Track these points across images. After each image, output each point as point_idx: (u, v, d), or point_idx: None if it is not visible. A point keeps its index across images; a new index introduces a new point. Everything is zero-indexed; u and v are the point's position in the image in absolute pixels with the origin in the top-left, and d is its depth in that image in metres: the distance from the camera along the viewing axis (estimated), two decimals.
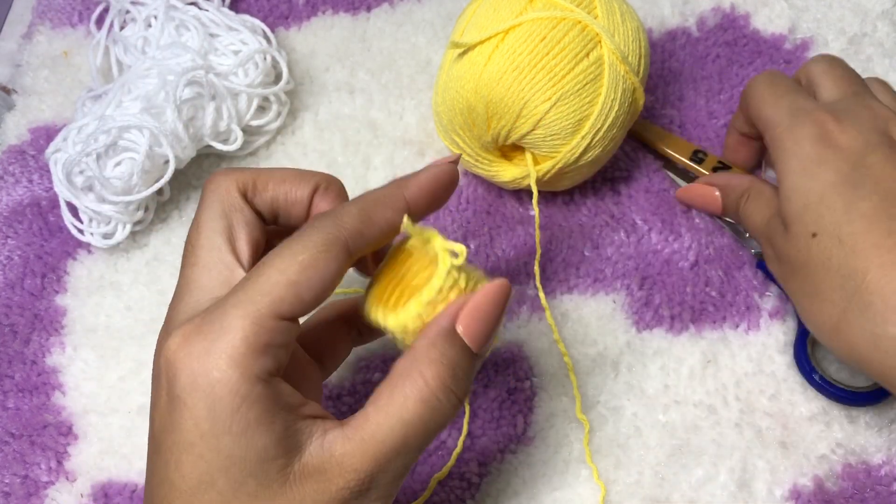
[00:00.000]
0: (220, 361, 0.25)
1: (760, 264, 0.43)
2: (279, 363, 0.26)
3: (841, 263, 0.32)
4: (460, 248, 0.28)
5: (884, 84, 0.38)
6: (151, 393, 0.28)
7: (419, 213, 0.30)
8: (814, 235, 0.33)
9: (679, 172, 0.45)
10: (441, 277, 0.28)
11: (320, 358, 0.34)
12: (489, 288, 0.28)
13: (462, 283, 0.28)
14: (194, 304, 0.28)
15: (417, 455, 0.28)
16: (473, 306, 0.27)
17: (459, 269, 0.28)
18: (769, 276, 0.43)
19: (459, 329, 0.27)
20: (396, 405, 0.26)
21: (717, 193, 0.41)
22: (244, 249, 0.30)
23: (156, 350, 0.28)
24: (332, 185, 0.32)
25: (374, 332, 0.32)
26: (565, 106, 0.39)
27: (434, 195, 0.31)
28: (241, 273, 0.29)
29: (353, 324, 0.36)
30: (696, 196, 0.42)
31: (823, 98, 0.37)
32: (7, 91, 0.53)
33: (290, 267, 0.26)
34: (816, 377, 0.39)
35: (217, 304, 0.26)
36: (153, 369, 0.28)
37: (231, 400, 0.25)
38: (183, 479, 0.26)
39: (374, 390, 0.27)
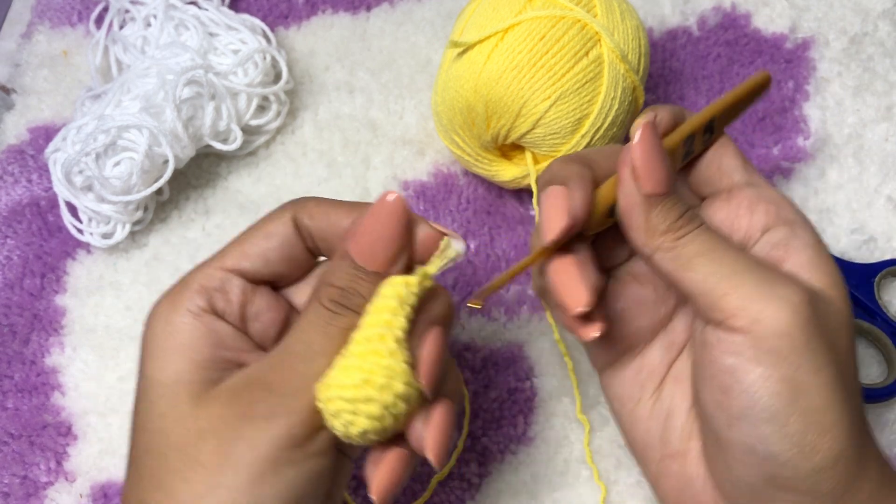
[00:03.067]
0: (162, 301, 0.29)
1: None
2: (213, 303, 0.29)
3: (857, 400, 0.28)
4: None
5: None
6: None
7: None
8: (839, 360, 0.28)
9: None
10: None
11: None
12: (374, 205, 0.28)
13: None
14: None
15: (322, 364, 0.27)
16: (359, 227, 0.28)
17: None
18: None
19: (350, 250, 0.28)
20: (298, 321, 0.28)
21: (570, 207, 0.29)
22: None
23: None
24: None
25: None
26: (565, 105, 0.39)
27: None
28: None
29: None
30: (649, 155, 0.29)
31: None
32: (6, 91, 0.53)
33: (240, 236, 0.31)
34: None
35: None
36: None
37: (161, 328, 0.28)
38: (133, 413, 0.29)
39: None
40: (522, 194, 0.46)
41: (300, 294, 0.32)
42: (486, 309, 0.43)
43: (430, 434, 0.27)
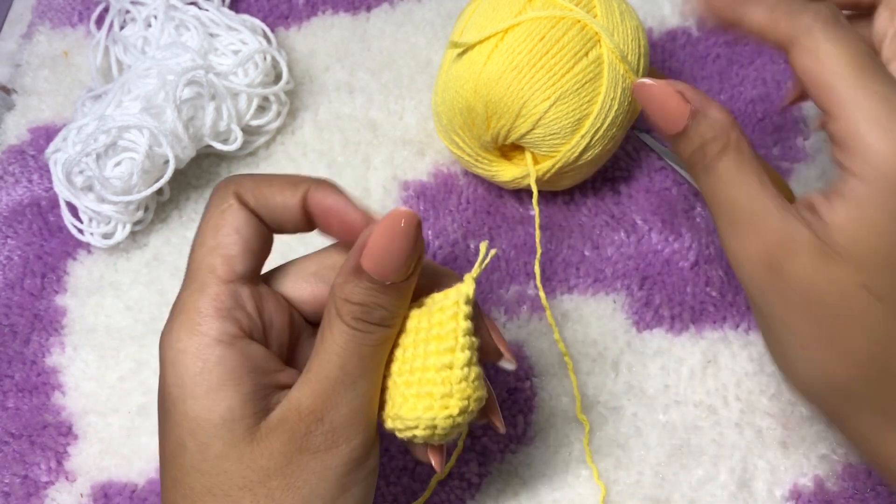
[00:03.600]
0: (180, 333, 0.27)
1: None
2: (240, 324, 0.28)
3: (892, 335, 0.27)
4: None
5: None
6: None
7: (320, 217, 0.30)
8: (872, 292, 0.26)
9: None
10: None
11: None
12: (385, 221, 0.27)
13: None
14: None
15: (367, 386, 0.28)
16: (372, 243, 0.27)
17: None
18: None
19: (365, 266, 0.27)
20: (327, 342, 0.28)
21: (686, 108, 0.29)
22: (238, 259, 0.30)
23: None
24: (322, 183, 0.31)
25: None
26: (565, 105, 0.39)
27: (335, 222, 0.30)
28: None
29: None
30: (655, 98, 0.30)
31: None
32: (7, 91, 0.53)
33: (207, 235, 0.29)
34: None
35: (178, 293, 0.29)
36: None
37: (193, 365, 0.27)
38: (167, 446, 0.28)
39: None
40: (522, 194, 0.46)
41: (286, 282, 0.31)
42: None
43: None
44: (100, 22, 0.53)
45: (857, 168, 0.26)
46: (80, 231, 0.45)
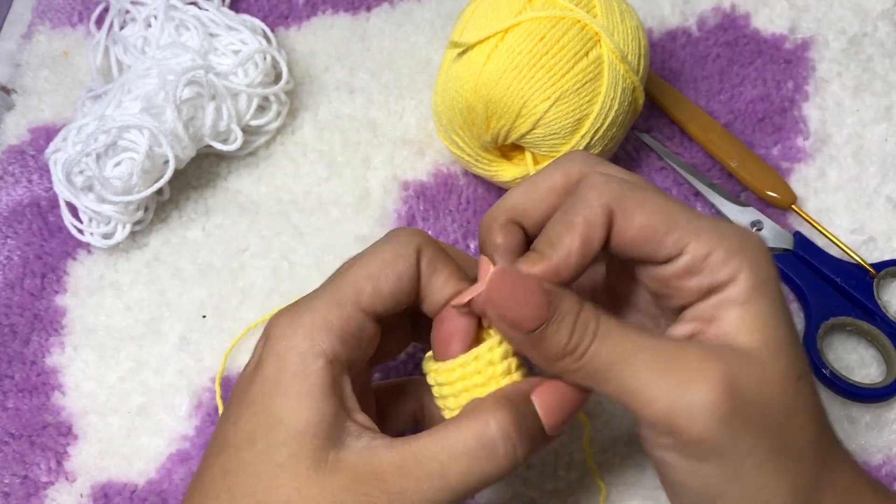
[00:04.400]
0: (297, 331, 0.27)
1: None
2: (348, 351, 0.28)
3: (818, 411, 0.27)
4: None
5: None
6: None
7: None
8: (799, 378, 0.26)
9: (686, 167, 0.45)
10: (490, 347, 0.29)
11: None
12: (573, 387, 0.28)
13: (513, 368, 0.29)
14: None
15: (451, 500, 0.26)
16: (552, 387, 0.27)
17: (512, 357, 0.29)
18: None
19: (535, 399, 0.27)
20: (449, 435, 0.26)
21: (545, 296, 0.26)
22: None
23: None
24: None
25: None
26: (565, 105, 0.39)
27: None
28: None
29: (409, 314, 0.33)
30: (502, 299, 0.27)
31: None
32: (7, 91, 0.53)
33: (372, 262, 0.29)
34: (827, 372, 0.39)
35: (313, 291, 0.29)
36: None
37: (295, 366, 0.27)
38: (235, 433, 0.27)
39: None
40: None
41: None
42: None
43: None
44: (100, 22, 0.53)
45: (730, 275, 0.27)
46: (80, 231, 0.45)
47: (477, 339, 0.30)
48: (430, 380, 0.30)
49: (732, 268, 0.26)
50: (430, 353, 0.31)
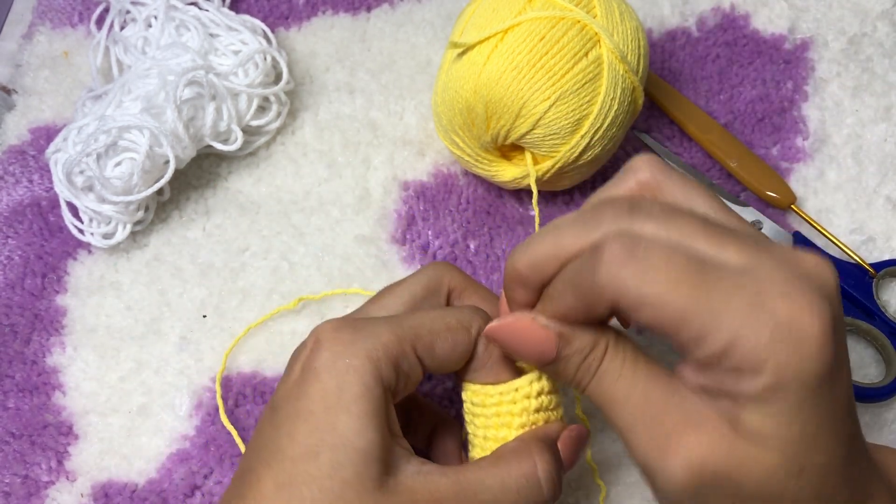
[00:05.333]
0: (360, 352, 0.28)
1: None
2: (399, 386, 0.29)
3: (828, 491, 0.25)
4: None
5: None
6: (287, 365, 0.30)
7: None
8: (801, 471, 0.24)
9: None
10: (531, 381, 0.31)
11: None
12: (581, 429, 0.32)
13: (546, 405, 0.31)
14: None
15: None
16: (570, 433, 0.31)
17: (545, 395, 0.31)
18: None
19: (560, 445, 0.31)
20: (501, 470, 0.29)
21: (550, 332, 0.27)
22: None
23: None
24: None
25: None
26: (564, 105, 0.39)
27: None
28: None
29: None
30: (518, 334, 0.28)
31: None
32: (7, 91, 0.53)
33: (437, 322, 0.30)
34: None
35: (371, 317, 0.30)
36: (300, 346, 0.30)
37: (359, 386, 0.27)
38: (292, 445, 0.27)
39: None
40: (522, 194, 0.46)
41: None
42: None
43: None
44: (100, 22, 0.53)
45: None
46: (81, 231, 0.45)
47: (515, 367, 0.32)
48: (467, 398, 0.32)
49: (756, 365, 0.22)
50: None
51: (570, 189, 0.45)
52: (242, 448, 0.39)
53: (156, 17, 0.49)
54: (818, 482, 0.24)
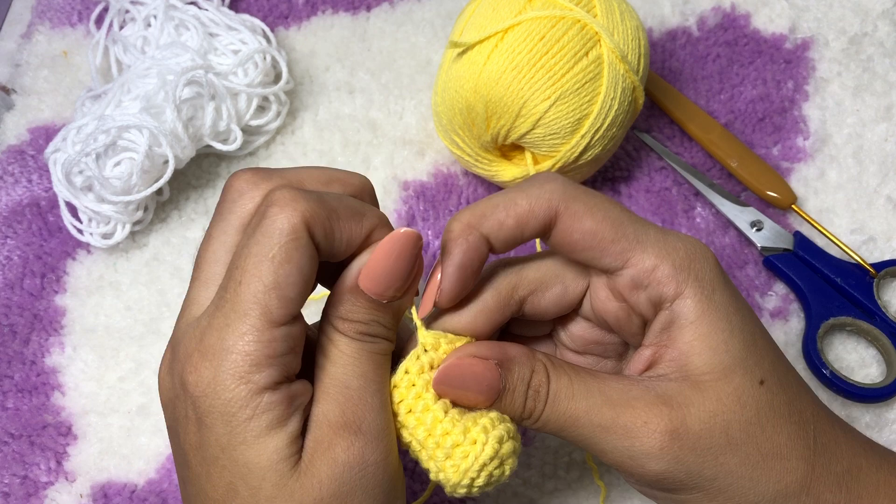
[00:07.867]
0: (227, 382, 0.26)
1: (766, 260, 0.43)
2: (287, 369, 0.27)
3: (794, 409, 0.28)
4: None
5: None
6: (173, 411, 0.28)
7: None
8: (762, 382, 0.28)
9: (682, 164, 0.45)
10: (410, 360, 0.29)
11: None
12: (385, 243, 0.27)
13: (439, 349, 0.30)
14: (193, 321, 0.28)
15: (385, 393, 0.29)
16: (372, 264, 0.27)
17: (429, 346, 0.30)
18: (775, 273, 0.43)
19: (362, 286, 0.28)
20: (334, 356, 0.28)
21: (489, 363, 0.28)
22: None
23: (162, 367, 0.29)
24: (385, 221, 0.30)
25: None
26: (564, 105, 0.39)
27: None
28: None
29: None
30: (466, 373, 0.28)
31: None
32: (6, 91, 0.53)
33: (264, 267, 0.26)
34: (827, 373, 0.39)
35: (211, 323, 0.27)
36: (166, 390, 0.28)
37: (243, 412, 0.26)
38: (214, 489, 0.27)
39: None
40: None
41: None
42: None
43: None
44: (99, 22, 0.53)
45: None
46: (80, 231, 0.45)
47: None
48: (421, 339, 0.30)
49: (679, 283, 0.28)
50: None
51: None
52: None
53: (155, 17, 0.49)
54: (779, 389, 0.28)
